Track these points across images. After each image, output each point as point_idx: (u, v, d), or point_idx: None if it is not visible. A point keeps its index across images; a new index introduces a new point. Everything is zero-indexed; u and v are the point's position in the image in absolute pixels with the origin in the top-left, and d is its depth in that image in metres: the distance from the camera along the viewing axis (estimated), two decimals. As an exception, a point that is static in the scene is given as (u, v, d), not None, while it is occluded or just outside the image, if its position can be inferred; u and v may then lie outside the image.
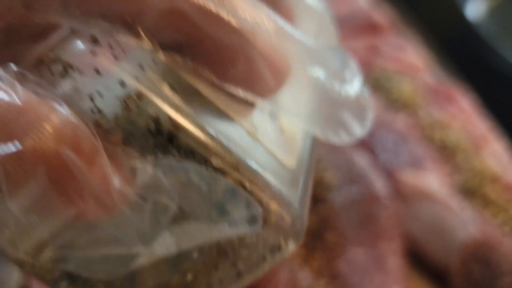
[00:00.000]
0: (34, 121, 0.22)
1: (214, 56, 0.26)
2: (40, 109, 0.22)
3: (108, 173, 0.24)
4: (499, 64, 1.39)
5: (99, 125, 0.26)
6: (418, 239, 0.87)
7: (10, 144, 0.21)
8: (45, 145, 0.21)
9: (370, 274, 0.79)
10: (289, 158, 0.32)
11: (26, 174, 0.21)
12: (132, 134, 0.26)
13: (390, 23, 1.47)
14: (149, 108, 0.26)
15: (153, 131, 0.26)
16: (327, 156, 0.92)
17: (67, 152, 0.22)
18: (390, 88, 1.09)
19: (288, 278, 0.75)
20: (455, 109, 1.06)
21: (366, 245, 0.82)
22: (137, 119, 0.26)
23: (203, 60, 0.26)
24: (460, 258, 0.82)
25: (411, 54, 1.22)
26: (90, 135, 0.23)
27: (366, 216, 0.85)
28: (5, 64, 0.24)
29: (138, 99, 0.26)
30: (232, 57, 0.26)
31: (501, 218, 0.84)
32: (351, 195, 0.87)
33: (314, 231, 0.82)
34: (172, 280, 0.35)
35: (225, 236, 0.31)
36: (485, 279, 0.81)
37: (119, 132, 0.26)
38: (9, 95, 0.22)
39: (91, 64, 0.26)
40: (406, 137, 1.00)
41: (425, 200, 0.88)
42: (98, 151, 0.23)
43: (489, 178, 0.89)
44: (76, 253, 0.29)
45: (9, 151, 0.21)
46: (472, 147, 0.96)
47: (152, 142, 0.26)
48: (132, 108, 0.26)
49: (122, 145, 0.26)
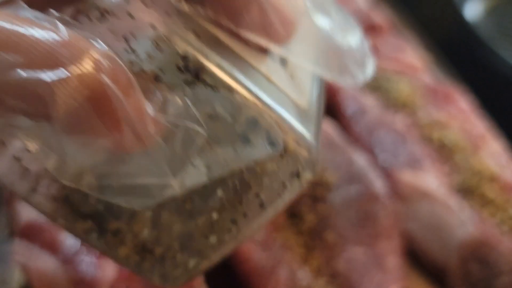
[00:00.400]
0: (77, 53, 0.24)
1: (231, 5, 0.30)
2: (81, 43, 0.25)
3: (142, 103, 0.26)
4: (497, 64, 1.39)
5: (133, 63, 0.29)
6: (417, 238, 0.88)
7: (57, 70, 0.23)
8: (88, 73, 0.24)
9: (369, 273, 0.79)
10: (301, 99, 0.36)
11: (72, 98, 0.24)
12: (163, 71, 0.29)
13: (389, 24, 1.48)
14: (178, 47, 0.29)
15: (181, 68, 0.30)
16: (326, 156, 0.93)
17: (107, 80, 0.24)
18: (389, 88, 1.10)
19: (287, 277, 0.76)
20: (454, 109, 1.07)
21: (365, 244, 0.82)
22: (167, 58, 0.29)
23: (222, 10, 0.30)
24: (458, 257, 0.82)
25: (410, 55, 1.23)
26: (126, 69, 0.26)
27: (365, 216, 0.85)
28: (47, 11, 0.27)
29: (167, 39, 0.29)
30: (246, 6, 0.30)
31: (499, 218, 0.84)
32: (350, 195, 0.87)
33: (314, 230, 0.83)
34: (198, 222, 0.38)
35: (251, 160, 0.34)
36: (484, 278, 0.81)
37: (150, 69, 0.29)
38: (54, 31, 0.24)
39: (125, 9, 0.29)
40: (405, 137, 1.00)
41: (424, 199, 0.88)
42: (133, 84, 0.26)
43: (487, 177, 0.89)
44: (112, 181, 0.32)
45: (58, 77, 0.23)
46: (471, 146, 0.97)
47: (181, 78, 0.30)
48: (162, 47, 0.29)
49: (153, 81, 0.29)
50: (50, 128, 0.26)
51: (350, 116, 1.09)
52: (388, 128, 1.04)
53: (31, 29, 0.24)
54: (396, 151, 0.99)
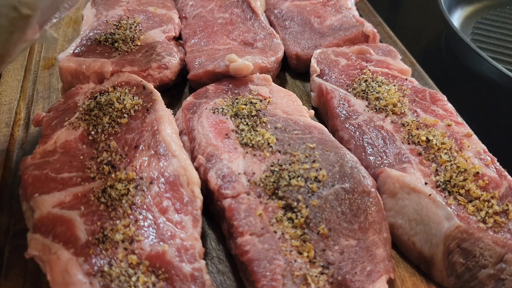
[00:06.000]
0: None
1: None
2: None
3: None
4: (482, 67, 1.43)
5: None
6: (405, 231, 0.91)
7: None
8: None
9: (361, 264, 0.82)
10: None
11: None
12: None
13: (380, 31, 1.52)
14: None
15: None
16: (321, 156, 0.95)
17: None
18: (379, 91, 1.13)
19: (284, 268, 0.79)
20: (440, 111, 1.10)
21: (356, 237, 0.85)
22: None
23: None
24: (444, 250, 0.84)
25: (399, 60, 1.26)
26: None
27: (357, 210, 0.88)
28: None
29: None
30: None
31: (484, 213, 0.86)
32: (343, 191, 0.90)
33: (308, 223, 0.85)
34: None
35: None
36: (468, 271, 0.84)
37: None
38: None
39: None
40: (393, 136, 1.03)
41: (411, 195, 0.91)
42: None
43: (472, 175, 0.92)
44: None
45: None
46: (457, 146, 0.99)
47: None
48: None
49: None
50: None
51: (342, 118, 1.11)
52: (378, 128, 1.06)
53: None
54: (386, 150, 1.02)
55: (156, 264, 0.77)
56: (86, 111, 1.05)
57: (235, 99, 1.10)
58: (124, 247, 0.79)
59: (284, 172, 0.92)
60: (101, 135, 0.99)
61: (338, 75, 1.22)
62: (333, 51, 1.29)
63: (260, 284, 0.76)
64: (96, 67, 1.17)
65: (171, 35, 1.36)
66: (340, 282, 0.79)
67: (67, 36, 1.53)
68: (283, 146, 0.98)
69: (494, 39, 1.73)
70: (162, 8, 1.48)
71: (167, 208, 0.85)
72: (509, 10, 1.91)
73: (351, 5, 1.51)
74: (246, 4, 1.47)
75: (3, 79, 1.32)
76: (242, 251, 0.81)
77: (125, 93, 1.09)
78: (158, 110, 1.03)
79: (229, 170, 0.92)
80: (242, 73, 1.16)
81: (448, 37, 1.73)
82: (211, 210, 0.95)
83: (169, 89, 1.28)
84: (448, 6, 1.68)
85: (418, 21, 2.00)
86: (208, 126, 1.02)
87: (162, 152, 0.93)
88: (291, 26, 1.45)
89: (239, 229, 0.83)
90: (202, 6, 1.51)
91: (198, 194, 0.88)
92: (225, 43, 1.35)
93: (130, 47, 1.27)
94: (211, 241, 0.93)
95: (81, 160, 0.94)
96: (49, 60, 1.41)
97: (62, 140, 0.98)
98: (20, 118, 1.21)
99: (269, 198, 0.88)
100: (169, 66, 1.22)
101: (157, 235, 0.81)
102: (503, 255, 0.81)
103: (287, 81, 1.36)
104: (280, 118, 1.06)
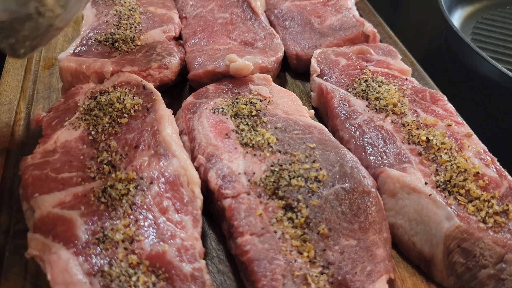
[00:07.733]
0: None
1: None
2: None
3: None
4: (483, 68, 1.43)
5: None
6: (405, 231, 0.91)
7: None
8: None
9: (361, 264, 0.81)
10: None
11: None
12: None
13: (380, 31, 1.52)
14: None
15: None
16: (321, 155, 0.96)
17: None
18: (380, 91, 1.13)
19: (284, 268, 0.79)
20: (440, 111, 1.10)
21: (357, 237, 0.85)
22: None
23: None
24: (444, 250, 0.84)
25: (399, 61, 1.26)
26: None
27: (357, 210, 0.88)
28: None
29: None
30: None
31: (484, 213, 0.86)
32: (343, 191, 0.90)
33: (309, 223, 0.85)
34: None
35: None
36: (468, 271, 0.83)
37: None
38: None
39: None
40: (394, 136, 1.04)
41: (412, 195, 0.90)
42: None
43: (472, 175, 0.92)
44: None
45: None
46: (457, 146, 0.99)
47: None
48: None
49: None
50: None
51: (342, 118, 1.11)
52: (378, 128, 1.07)
53: None
54: (386, 150, 1.02)
55: (156, 264, 0.77)
56: (86, 111, 1.05)
57: (235, 99, 1.10)
58: (124, 247, 0.79)
59: (284, 172, 0.92)
60: (101, 135, 0.99)
61: (338, 75, 1.23)
62: (333, 51, 1.30)
63: (260, 284, 0.76)
64: (96, 67, 1.17)
65: (171, 35, 1.36)
66: (340, 282, 0.79)
67: (67, 36, 1.53)
68: (283, 146, 0.98)
69: (494, 39, 1.73)
70: (162, 8, 1.48)
71: (167, 208, 0.85)
72: (509, 10, 1.91)
73: (351, 5, 1.51)
74: (246, 4, 1.47)
75: (3, 79, 1.32)
76: (242, 251, 0.81)
77: (125, 93, 1.09)
78: (158, 110, 1.03)
79: (229, 170, 0.92)
80: (242, 73, 1.16)
81: (448, 37, 1.73)
82: (211, 210, 0.95)
83: (169, 89, 1.28)
84: (448, 6, 1.68)
85: (418, 21, 2.01)
86: (208, 126, 1.02)
87: (162, 152, 0.93)
88: (291, 26, 1.45)
89: (239, 229, 0.83)
90: (202, 6, 1.51)
91: (198, 194, 0.88)
92: (225, 43, 1.35)
93: (130, 47, 1.27)
94: (211, 241, 0.93)
95: (81, 160, 0.94)
96: (49, 60, 1.41)
97: (62, 140, 0.98)
98: (20, 118, 1.21)
99: (269, 198, 0.88)
100: (169, 66, 1.22)
101: (157, 235, 0.81)
102: (503, 255, 0.81)
103: (287, 81, 1.37)
104: (280, 118, 1.06)
